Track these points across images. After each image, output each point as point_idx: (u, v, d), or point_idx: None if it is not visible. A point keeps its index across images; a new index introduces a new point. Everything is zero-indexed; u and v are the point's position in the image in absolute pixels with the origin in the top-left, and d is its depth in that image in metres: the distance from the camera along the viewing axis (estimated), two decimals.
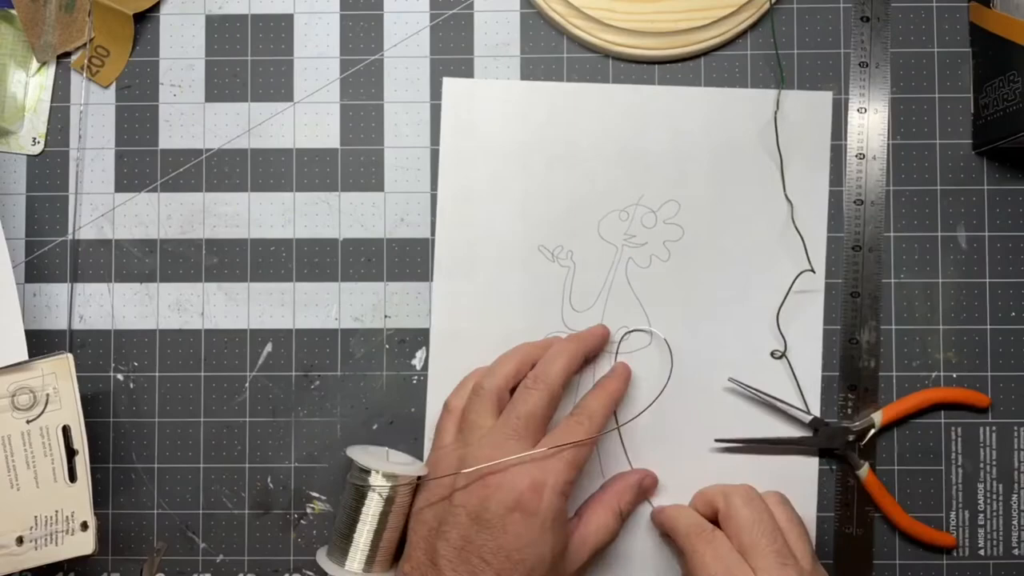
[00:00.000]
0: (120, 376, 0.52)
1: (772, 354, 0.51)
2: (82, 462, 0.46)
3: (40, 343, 0.51)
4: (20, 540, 0.45)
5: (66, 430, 0.46)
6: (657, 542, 0.51)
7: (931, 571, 0.51)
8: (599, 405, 0.48)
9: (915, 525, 0.50)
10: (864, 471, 0.50)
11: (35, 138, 0.53)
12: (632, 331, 0.51)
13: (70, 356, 0.46)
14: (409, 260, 0.52)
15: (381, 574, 0.47)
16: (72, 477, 0.46)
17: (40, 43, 0.52)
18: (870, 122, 0.52)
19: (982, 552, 0.51)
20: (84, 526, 0.46)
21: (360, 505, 0.47)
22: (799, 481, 0.50)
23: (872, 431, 0.50)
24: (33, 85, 0.53)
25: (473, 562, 0.43)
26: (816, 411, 0.51)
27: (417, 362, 0.52)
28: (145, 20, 0.53)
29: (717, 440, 0.50)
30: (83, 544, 0.46)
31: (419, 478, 0.48)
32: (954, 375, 0.51)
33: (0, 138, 0.52)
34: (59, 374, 0.46)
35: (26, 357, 0.46)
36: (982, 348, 0.51)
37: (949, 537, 0.50)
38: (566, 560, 0.46)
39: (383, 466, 0.47)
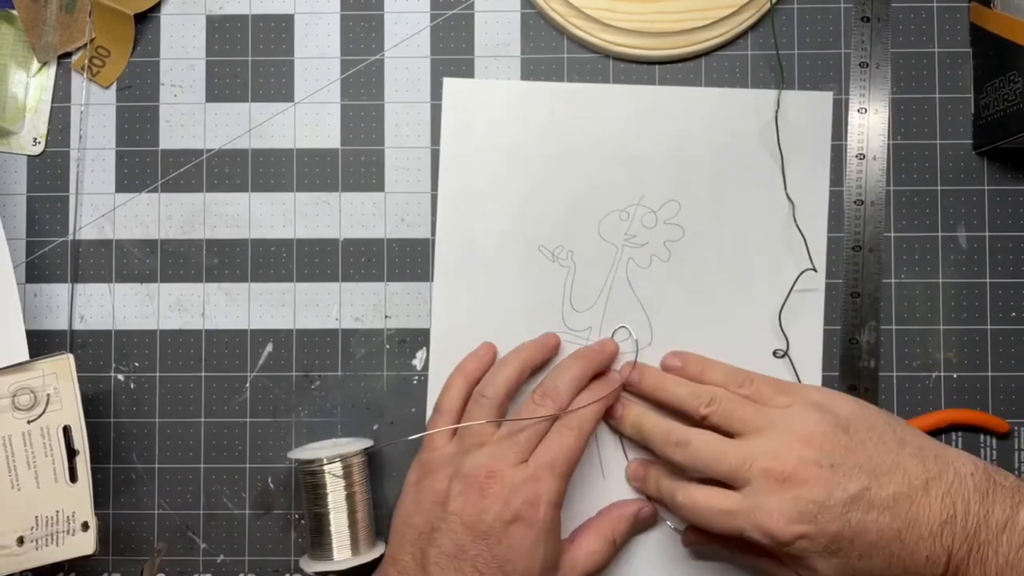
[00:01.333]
0: (121, 376, 0.52)
1: (775, 353, 0.51)
2: (83, 462, 0.46)
3: (41, 343, 0.51)
4: (21, 540, 0.45)
5: (67, 430, 0.46)
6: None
7: None
8: (590, 411, 0.47)
9: None
10: None
11: (36, 138, 0.53)
12: (618, 328, 0.51)
13: (71, 356, 0.46)
14: (409, 260, 0.52)
15: (369, 553, 0.48)
16: (73, 477, 0.46)
17: (41, 43, 0.52)
18: (870, 122, 0.52)
19: None
20: (85, 526, 0.46)
21: (322, 496, 0.47)
22: None
23: None
24: (34, 85, 0.53)
25: (466, 570, 0.43)
26: None
27: (418, 362, 0.52)
28: (146, 20, 0.53)
29: None
30: (84, 544, 0.46)
31: (364, 449, 0.48)
32: (954, 375, 0.51)
33: (1, 138, 0.52)
34: (60, 374, 0.46)
35: (27, 357, 0.46)
36: (982, 348, 0.51)
37: None
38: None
39: (325, 451, 0.47)
